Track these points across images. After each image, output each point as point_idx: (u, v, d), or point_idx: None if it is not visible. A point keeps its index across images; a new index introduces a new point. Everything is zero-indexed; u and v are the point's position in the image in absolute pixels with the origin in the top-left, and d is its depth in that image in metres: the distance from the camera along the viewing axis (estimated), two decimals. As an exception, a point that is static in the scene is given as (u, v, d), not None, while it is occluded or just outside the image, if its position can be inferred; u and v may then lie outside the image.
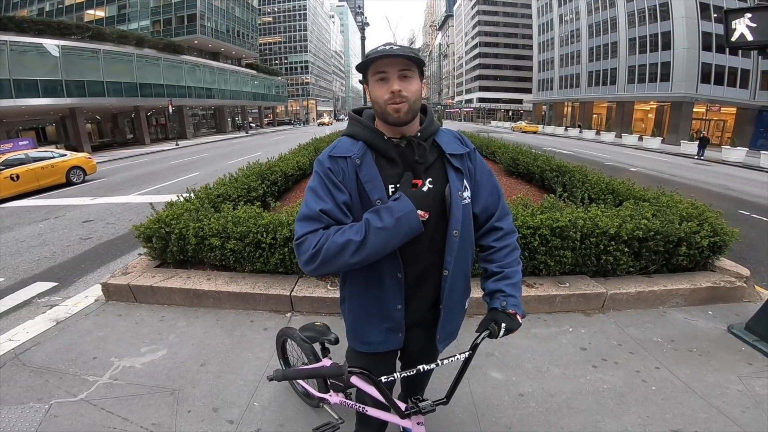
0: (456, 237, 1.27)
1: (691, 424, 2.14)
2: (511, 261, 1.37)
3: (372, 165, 1.23)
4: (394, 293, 1.30)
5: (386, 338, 1.37)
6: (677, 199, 4.37)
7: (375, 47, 1.20)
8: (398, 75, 1.16)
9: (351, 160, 1.23)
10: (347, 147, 1.26)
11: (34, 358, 2.84)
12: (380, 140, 1.25)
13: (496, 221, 1.40)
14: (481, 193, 1.38)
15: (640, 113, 41.03)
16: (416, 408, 1.25)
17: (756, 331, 2.93)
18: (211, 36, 41.53)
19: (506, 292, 1.31)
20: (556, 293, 3.38)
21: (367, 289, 1.32)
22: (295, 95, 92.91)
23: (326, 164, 1.24)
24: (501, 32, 77.76)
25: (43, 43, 22.26)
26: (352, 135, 1.29)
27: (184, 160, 18.32)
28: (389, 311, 1.32)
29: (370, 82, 1.20)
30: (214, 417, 2.25)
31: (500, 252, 1.38)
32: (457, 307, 1.41)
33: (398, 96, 1.16)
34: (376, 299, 1.32)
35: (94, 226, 6.98)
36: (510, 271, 1.35)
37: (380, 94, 1.18)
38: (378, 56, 1.14)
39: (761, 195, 10.46)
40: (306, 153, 9.67)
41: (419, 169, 1.25)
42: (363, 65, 1.18)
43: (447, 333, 1.42)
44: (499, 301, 1.31)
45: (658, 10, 36.27)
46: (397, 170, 1.25)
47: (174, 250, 3.90)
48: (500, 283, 1.33)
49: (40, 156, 11.41)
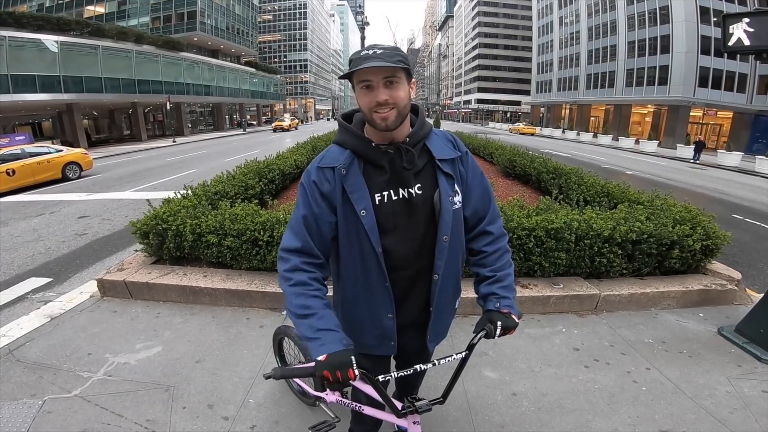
0: (446, 242, 1.27)
1: (680, 425, 2.17)
2: (502, 265, 1.38)
3: (358, 175, 1.23)
4: (384, 302, 1.31)
5: (380, 343, 1.38)
6: (671, 203, 4.41)
7: (358, 51, 1.17)
8: (384, 82, 1.13)
9: (337, 170, 1.22)
10: (335, 156, 1.25)
11: (28, 353, 2.85)
12: (368, 148, 1.23)
13: (487, 225, 1.40)
14: (472, 196, 1.37)
15: (638, 116, 41.20)
16: (413, 407, 1.26)
17: (745, 333, 2.96)
18: (211, 33, 41.44)
19: (499, 294, 1.32)
20: (550, 294, 3.41)
21: (358, 297, 1.33)
22: (294, 94, 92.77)
23: (312, 176, 1.25)
24: (501, 33, 77.89)
25: (41, 38, 22.14)
26: (341, 143, 1.28)
27: (181, 157, 18.29)
28: (380, 320, 1.34)
29: (356, 88, 1.18)
30: (209, 413, 2.26)
31: (491, 256, 1.38)
32: (447, 308, 1.43)
33: (385, 105, 1.14)
34: (367, 307, 1.34)
35: (90, 222, 6.97)
36: (502, 274, 1.36)
37: (366, 102, 1.16)
38: (362, 67, 1.09)
39: (755, 199, 10.54)
40: (304, 151, 9.68)
41: (408, 175, 1.25)
42: (347, 74, 1.15)
43: (436, 332, 1.44)
44: (492, 302, 1.31)
45: (659, 14, 36.41)
46: (385, 177, 1.24)
47: (170, 246, 3.91)
48: (492, 287, 1.34)
49: (37, 151, 11.38)
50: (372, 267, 1.25)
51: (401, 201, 1.25)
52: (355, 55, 1.15)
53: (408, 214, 1.26)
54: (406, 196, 1.25)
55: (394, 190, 1.25)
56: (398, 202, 1.25)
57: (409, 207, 1.26)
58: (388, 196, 1.24)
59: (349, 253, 1.27)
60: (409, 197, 1.25)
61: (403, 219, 1.26)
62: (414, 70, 1.29)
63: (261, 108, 56.93)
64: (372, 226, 1.21)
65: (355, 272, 1.29)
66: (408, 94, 1.19)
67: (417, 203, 1.26)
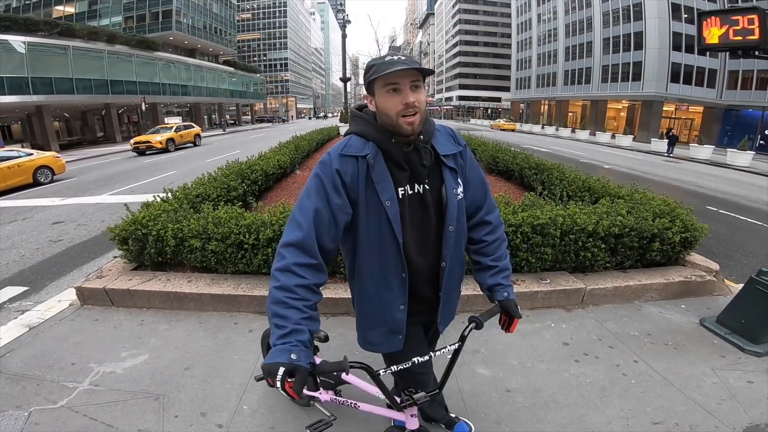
0: (452, 232, 1.35)
1: (671, 417, 2.21)
2: (502, 254, 1.48)
3: (383, 166, 1.26)
4: (398, 293, 1.35)
5: (386, 340, 1.41)
6: (650, 196, 4.52)
7: (380, 57, 1.21)
8: (410, 86, 1.18)
9: (364, 160, 1.24)
10: (359, 146, 1.27)
11: (9, 364, 2.73)
12: (390, 144, 1.27)
13: (486, 215, 1.49)
14: (471, 187, 1.44)
15: (613, 111, 42.23)
16: (411, 400, 1.31)
17: (727, 323, 3.06)
18: (188, 32, 40.54)
19: (504, 284, 1.44)
20: (538, 289, 3.45)
21: (373, 291, 1.37)
22: (275, 92, 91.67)
23: (335, 165, 1.24)
24: (481, 31, 78.62)
25: (8, 39, 21.31)
26: (362, 135, 1.29)
27: (158, 158, 17.83)
28: (392, 312, 1.37)
29: (380, 92, 1.21)
30: (203, 421, 2.21)
31: (492, 245, 1.47)
32: (454, 292, 1.52)
33: (412, 107, 1.18)
34: (379, 302, 1.37)
35: (65, 228, 6.73)
36: (503, 264, 1.46)
37: (392, 106, 1.19)
38: (395, 69, 1.13)
39: (728, 191, 10.92)
40: (287, 152, 9.54)
41: (423, 171, 1.31)
42: (374, 78, 1.18)
43: (445, 316, 1.51)
44: (500, 293, 1.42)
45: (632, 11, 37.37)
46: (404, 174, 1.29)
47: (152, 252, 3.80)
48: (498, 277, 1.44)
49: (6, 155, 10.91)
50: (390, 257, 1.30)
51: (416, 196, 1.32)
52: (378, 61, 1.19)
53: (422, 208, 1.32)
54: (421, 191, 1.32)
55: (411, 186, 1.31)
56: (414, 196, 1.32)
57: (422, 201, 1.33)
58: (408, 191, 1.30)
59: (368, 244, 1.30)
60: (424, 192, 1.32)
61: (417, 213, 1.33)
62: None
63: (241, 107, 56.04)
64: (396, 217, 1.25)
65: (371, 264, 1.32)
66: (426, 99, 1.29)
67: (428, 198, 1.33)
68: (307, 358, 1.08)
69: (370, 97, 1.27)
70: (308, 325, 1.13)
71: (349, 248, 1.38)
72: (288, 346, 1.07)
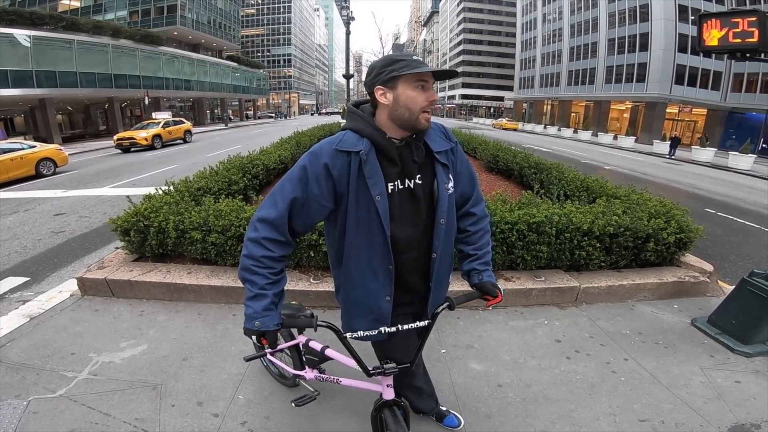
0: (443, 224, 1.41)
1: (658, 414, 2.25)
2: (483, 243, 1.57)
3: (375, 162, 1.31)
4: (384, 284, 1.40)
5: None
6: (646, 197, 4.55)
7: (399, 54, 1.28)
8: (432, 85, 1.30)
9: (357, 156, 1.29)
10: (353, 142, 1.31)
11: (9, 354, 2.78)
12: (384, 140, 1.32)
13: (471, 207, 1.57)
14: (460, 181, 1.52)
15: (616, 112, 42.11)
16: (381, 369, 1.41)
17: (718, 324, 3.09)
18: (192, 27, 40.47)
19: (479, 270, 1.52)
20: (533, 287, 3.49)
21: (358, 279, 1.42)
22: (278, 88, 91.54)
23: (324, 158, 1.30)
24: (485, 30, 78.38)
25: (13, 33, 21.34)
26: (358, 131, 1.34)
27: (161, 152, 17.89)
28: (378, 302, 1.42)
29: (408, 86, 1.26)
30: (199, 411, 2.25)
31: (474, 235, 1.56)
32: (443, 281, 1.57)
33: (432, 104, 1.28)
34: (365, 290, 1.42)
35: (67, 220, 6.79)
36: (482, 252, 1.55)
37: (420, 101, 1.27)
38: (431, 70, 1.25)
39: (727, 194, 10.93)
40: (288, 147, 9.60)
41: (414, 167, 1.36)
42: (404, 72, 1.23)
43: (434, 304, 1.54)
44: (475, 277, 1.52)
45: (638, 12, 37.19)
46: (396, 170, 1.34)
47: (153, 243, 3.85)
48: (474, 263, 1.54)
49: (9, 147, 10.98)
50: (378, 250, 1.35)
51: (406, 191, 1.37)
52: (403, 56, 1.26)
53: (412, 202, 1.38)
54: (411, 186, 1.38)
55: (401, 181, 1.36)
56: (404, 191, 1.37)
57: (412, 196, 1.38)
58: (398, 186, 1.35)
59: (356, 236, 1.35)
60: (414, 187, 1.38)
61: (407, 207, 1.38)
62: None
63: (243, 103, 56.02)
64: (385, 211, 1.30)
65: (359, 254, 1.38)
66: None
67: (419, 192, 1.38)
68: (271, 321, 1.27)
69: (384, 89, 1.28)
70: (272, 288, 1.31)
71: (335, 238, 1.42)
72: (252, 312, 1.27)
